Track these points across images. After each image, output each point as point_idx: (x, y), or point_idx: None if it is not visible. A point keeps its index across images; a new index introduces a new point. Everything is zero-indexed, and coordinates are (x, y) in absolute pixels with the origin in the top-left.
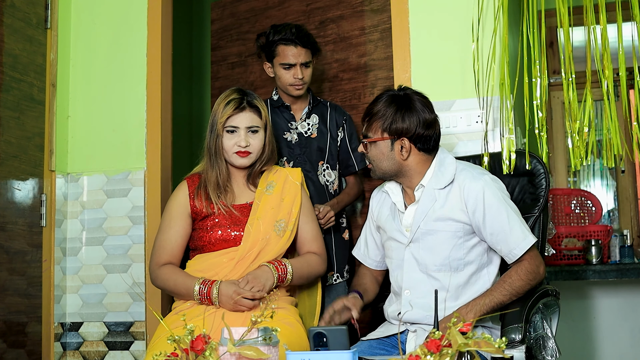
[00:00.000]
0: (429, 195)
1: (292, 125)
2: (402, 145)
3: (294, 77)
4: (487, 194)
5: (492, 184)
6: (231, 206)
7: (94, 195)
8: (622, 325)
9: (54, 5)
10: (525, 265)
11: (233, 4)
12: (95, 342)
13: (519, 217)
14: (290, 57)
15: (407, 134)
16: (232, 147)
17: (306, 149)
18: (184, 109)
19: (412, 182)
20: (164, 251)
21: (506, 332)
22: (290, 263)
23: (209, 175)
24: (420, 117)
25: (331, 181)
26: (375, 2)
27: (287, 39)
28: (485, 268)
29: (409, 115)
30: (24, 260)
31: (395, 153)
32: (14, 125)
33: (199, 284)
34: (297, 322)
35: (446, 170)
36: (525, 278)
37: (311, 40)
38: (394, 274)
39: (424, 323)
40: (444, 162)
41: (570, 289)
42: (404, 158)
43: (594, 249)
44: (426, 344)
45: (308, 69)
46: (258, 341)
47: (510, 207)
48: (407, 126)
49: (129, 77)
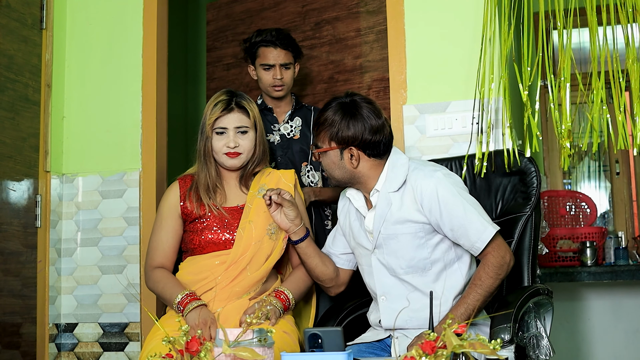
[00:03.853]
0: (384, 199)
1: (274, 127)
2: (351, 153)
3: (273, 78)
4: (440, 191)
5: (444, 179)
6: (222, 208)
7: (89, 196)
8: (616, 326)
9: (50, 5)
10: (491, 260)
11: (229, 5)
12: (90, 343)
13: (476, 210)
14: (269, 57)
15: (355, 142)
16: (222, 148)
17: (288, 150)
18: (179, 109)
19: (367, 188)
20: (156, 252)
21: (495, 332)
22: (289, 291)
23: (200, 177)
24: (366, 124)
25: (315, 182)
26: (371, 3)
27: (267, 41)
28: (456, 263)
29: (354, 122)
30: (18, 261)
31: (345, 162)
32: (8, 125)
33: (182, 296)
34: (294, 330)
35: (398, 172)
36: (494, 274)
37: (292, 43)
38: (367, 281)
39: (406, 328)
40: (396, 164)
41: (565, 291)
42: (355, 166)
43: (588, 251)
44: (421, 345)
45: (288, 70)
46: (253, 342)
47: (467, 200)
48: (354, 134)
49: (124, 78)
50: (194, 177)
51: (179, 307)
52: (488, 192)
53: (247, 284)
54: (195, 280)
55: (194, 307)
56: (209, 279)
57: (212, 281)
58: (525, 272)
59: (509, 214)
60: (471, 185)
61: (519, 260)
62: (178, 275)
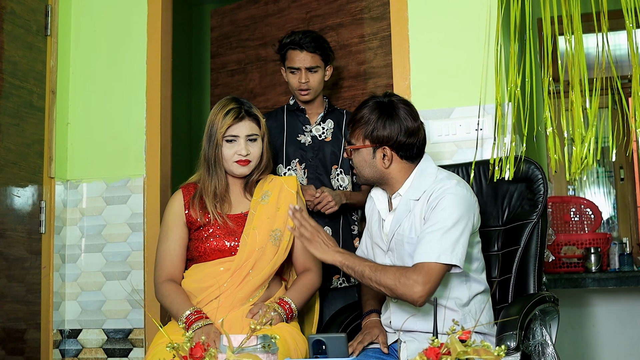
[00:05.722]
0: (404, 205)
1: (306, 128)
2: (384, 153)
3: (298, 82)
4: (443, 202)
5: (456, 198)
6: (226, 216)
7: (93, 202)
8: (621, 333)
9: (54, 12)
10: (412, 273)
11: (233, 12)
12: (94, 349)
13: (448, 239)
14: (295, 61)
15: (389, 142)
16: (233, 156)
17: (319, 152)
18: (183, 116)
19: (392, 190)
20: (165, 262)
21: (501, 339)
22: (293, 301)
23: (207, 185)
24: (402, 125)
25: (344, 186)
26: (375, 9)
27: (295, 43)
28: (463, 276)
29: (391, 123)
30: (22, 267)
31: (377, 161)
32: (13, 132)
33: (188, 313)
34: (300, 336)
35: (425, 181)
36: (397, 280)
37: (320, 46)
38: None
39: (414, 330)
40: (424, 172)
41: (570, 297)
42: (386, 166)
43: (593, 257)
44: (425, 352)
45: (315, 74)
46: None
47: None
48: (389, 134)
49: (128, 84)
50: (197, 185)
51: (184, 324)
52: (495, 199)
53: (250, 288)
54: (200, 288)
55: (198, 327)
56: (214, 286)
57: (217, 289)
58: (531, 279)
59: (515, 221)
60: (478, 192)
61: (525, 268)
62: (183, 283)
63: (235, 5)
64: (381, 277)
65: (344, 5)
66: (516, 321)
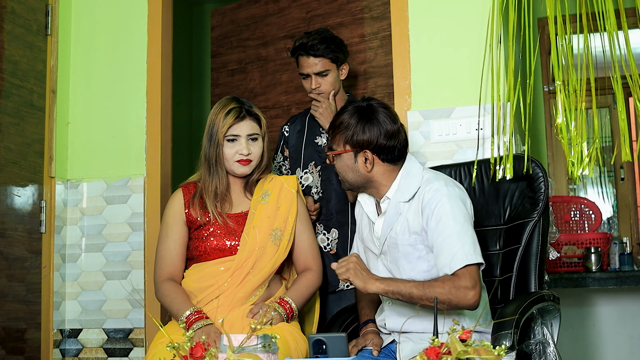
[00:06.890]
0: (394, 208)
1: (323, 130)
2: (365, 157)
3: (310, 87)
4: (440, 207)
5: (450, 198)
6: (226, 215)
7: (93, 202)
8: (621, 332)
9: (55, 12)
10: (458, 280)
11: (233, 11)
12: (95, 348)
13: (461, 238)
14: (304, 67)
15: (369, 146)
16: (234, 156)
17: None
18: (183, 115)
19: (379, 194)
20: (165, 262)
21: (496, 338)
22: (294, 301)
23: (207, 185)
24: (381, 129)
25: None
26: (375, 9)
27: (303, 49)
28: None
29: (370, 126)
30: (23, 266)
31: (359, 165)
32: (13, 131)
33: (188, 313)
34: (300, 336)
35: (411, 182)
36: (447, 291)
37: (327, 50)
38: None
39: (409, 331)
40: (410, 173)
41: (570, 297)
42: (368, 170)
43: (593, 257)
44: (426, 352)
45: (325, 77)
46: (257, 348)
47: (460, 224)
48: (369, 138)
49: (129, 84)
50: (197, 184)
51: (185, 324)
52: (496, 197)
53: (250, 287)
54: (201, 287)
55: (199, 328)
56: (214, 286)
57: (217, 289)
58: (532, 278)
59: (516, 220)
60: (479, 191)
61: (526, 266)
62: (184, 282)
63: (236, 5)
64: (432, 293)
65: (345, 4)
66: (512, 320)
